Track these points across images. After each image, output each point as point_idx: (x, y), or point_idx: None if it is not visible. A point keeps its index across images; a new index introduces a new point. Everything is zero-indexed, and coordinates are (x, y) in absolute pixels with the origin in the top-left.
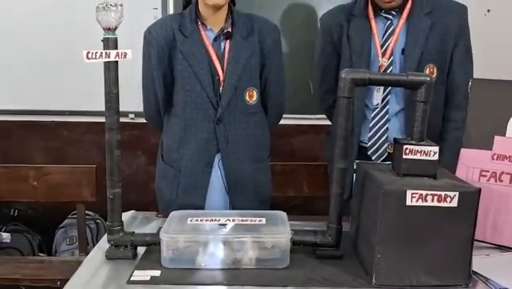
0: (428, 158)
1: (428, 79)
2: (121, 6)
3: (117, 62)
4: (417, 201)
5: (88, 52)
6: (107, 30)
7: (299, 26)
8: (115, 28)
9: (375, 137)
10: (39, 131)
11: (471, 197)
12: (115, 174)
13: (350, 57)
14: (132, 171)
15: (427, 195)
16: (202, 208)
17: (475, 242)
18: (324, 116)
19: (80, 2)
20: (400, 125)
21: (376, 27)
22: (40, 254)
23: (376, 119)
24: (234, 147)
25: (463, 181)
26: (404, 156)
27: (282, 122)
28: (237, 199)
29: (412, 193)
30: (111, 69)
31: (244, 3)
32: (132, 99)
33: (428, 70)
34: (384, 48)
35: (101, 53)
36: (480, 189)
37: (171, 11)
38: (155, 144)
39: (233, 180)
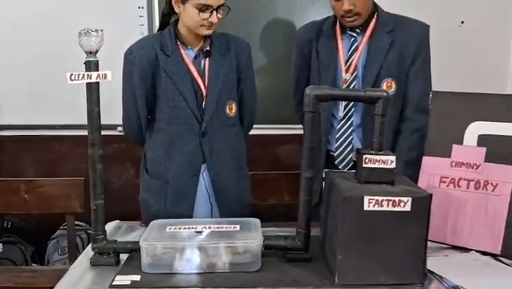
0: (385, 166)
1: (385, 94)
2: (101, 31)
3: (98, 83)
4: (374, 206)
5: (71, 74)
6: (89, 53)
7: (281, 40)
8: (96, 51)
9: (342, 147)
10: (31, 145)
11: (423, 202)
12: (98, 187)
13: (318, 70)
14: (121, 183)
15: (383, 200)
16: (190, 217)
17: (436, 244)
18: None
19: (71, 17)
20: (364, 136)
21: (342, 44)
22: (33, 264)
23: (342, 130)
24: (218, 157)
25: (418, 187)
26: (364, 165)
27: (267, 132)
28: (222, 206)
29: (369, 199)
30: (93, 89)
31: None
32: (119, 113)
33: (385, 84)
34: (347, 64)
35: (83, 75)
36: (431, 195)
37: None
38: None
39: (219, 188)
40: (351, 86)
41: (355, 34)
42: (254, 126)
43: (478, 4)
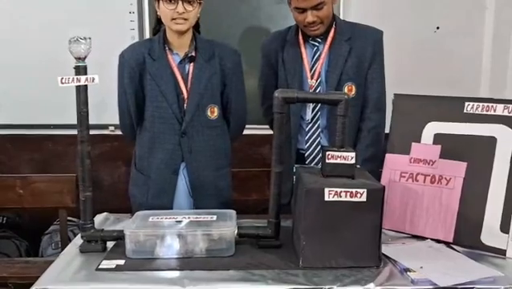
0: (346, 162)
1: (345, 96)
2: (90, 38)
3: (87, 86)
4: (333, 196)
5: (62, 78)
6: (78, 59)
7: None
8: (85, 57)
9: (311, 147)
10: (26, 144)
11: (377, 193)
12: (86, 180)
13: (285, 78)
14: (114, 180)
15: (341, 192)
16: (170, 209)
17: (396, 233)
18: None
19: (64, 21)
20: (330, 136)
21: (306, 53)
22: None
23: (311, 132)
24: (197, 156)
25: (374, 180)
26: (327, 161)
27: (252, 132)
28: (200, 201)
29: (329, 191)
30: (82, 91)
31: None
32: (111, 113)
33: (346, 87)
34: (312, 71)
35: (73, 78)
36: (384, 187)
37: (147, 33)
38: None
39: (197, 185)
40: (317, 91)
41: (317, 44)
42: None
43: (453, 10)
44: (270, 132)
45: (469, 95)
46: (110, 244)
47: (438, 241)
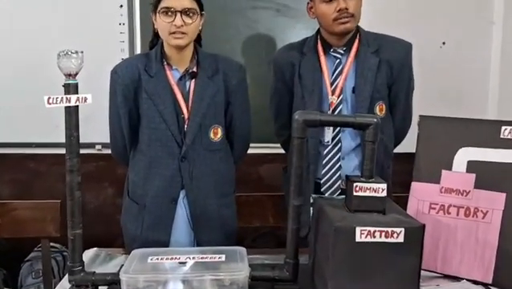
0: (376, 195)
1: (375, 120)
2: (82, 52)
3: (78, 106)
4: (366, 237)
5: (49, 98)
6: (68, 76)
7: (263, 57)
8: (76, 74)
9: (329, 174)
10: (5, 163)
11: (416, 233)
12: (76, 215)
13: (302, 95)
14: (100, 203)
15: (375, 231)
16: (167, 244)
17: (426, 273)
18: None
19: (49, 33)
20: (358, 162)
21: (326, 65)
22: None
23: (329, 156)
24: (199, 183)
25: (409, 216)
26: (354, 194)
27: (250, 151)
28: (203, 234)
29: (361, 230)
30: (72, 113)
31: (206, 38)
32: (98, 131)
33: (378, 107)
34: (333, 86)
35: (62, 98)
36: (424, 225)
37: (138, 50)
38: (122, 175)
39: (198, 215)
40: (338, 109)
41: (339, 56)
42: None
43: (459, 25)
44: (270, 150)
45: (476, 112)
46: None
47: (475, 282)
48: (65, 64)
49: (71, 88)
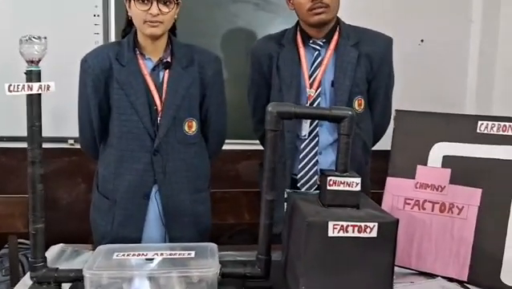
0: (350, 189)
1: (350, 113)
2: (45, 38)
3: (40, 95)
4: (339, 232)
5: (10, 85)
6: (31, 62)
7: (243, 52)
8: (39, 61)
9: (305, 169)
10: None
11: (390, 228)
12: (37, 209)
13: (280, 88)
14: (72, 199)
15: (348, 226)
16: (138, 240)
17: (401, 269)
18: None
19: (20, 22)
20: (335, 158)
21: (305, 58)
22: None
23: (306, 151)
24: (172, 178)
25: (384, 211)
26: (328, 188)
27: (227, 147)
28: (175, 231)
29: (334, 225)
30: (34, 102)
31: (185, 31)
32: (71, 125)
33: (356, 102)
34: (311, 79)
35: (23, 86)
36: (398, 220)
37: (113, 38)
38: (95, 170)
39: (171, 211)
40: (316, 103)
41: (318, 48)
42: None
43: (438, 22)
44: (247, 146)
45: (454, 109)
46: (66, 285)
47: (451, 279)
48: (27, 50)
49: (33, 76)
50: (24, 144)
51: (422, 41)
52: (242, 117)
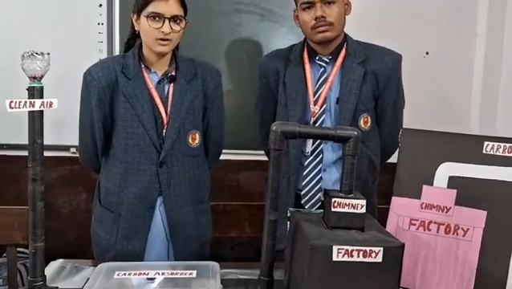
0: (355, 211)
1: (356, 133)
2: (48, 54)
3: (42, 111)
4: (343, 256)
5: (11, 101)
6: (33, 78)
7: (246, 61)
8: (41, 77)
9: (309, 186)
10: None
11: (395, 252)
12: (37, 228)
13: (285, 103)
14: (73, 208)
15: (353, 250)
16: (142, 253)
17: None
18: None
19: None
20: (339, 175)
21: (311, 74)
22: None
23: (310, 167)
24: (176, 189)
25: (389, 234)
26: (332, 209)
27: (230, 157)
28: (178, 242)
29: (339, 249)
30: (36, 119)
31: (190, 40)
32: (73, 133)
33: (362, 120)
34: (316, 96)
35: (25, 102)
36: (403, 245)
37: (117, 51)
38: (96, 179)
39: (175, 223)
40: (321, 120)
41: (324, 64)
42: None
43: (443, 35)
44: (249, 157)
45: (458, 124)
46: None
47: None
48: (29, 66)
49: (35, 92)
50: (25, 153)
51: (427, 53)
52: (246, 127)
